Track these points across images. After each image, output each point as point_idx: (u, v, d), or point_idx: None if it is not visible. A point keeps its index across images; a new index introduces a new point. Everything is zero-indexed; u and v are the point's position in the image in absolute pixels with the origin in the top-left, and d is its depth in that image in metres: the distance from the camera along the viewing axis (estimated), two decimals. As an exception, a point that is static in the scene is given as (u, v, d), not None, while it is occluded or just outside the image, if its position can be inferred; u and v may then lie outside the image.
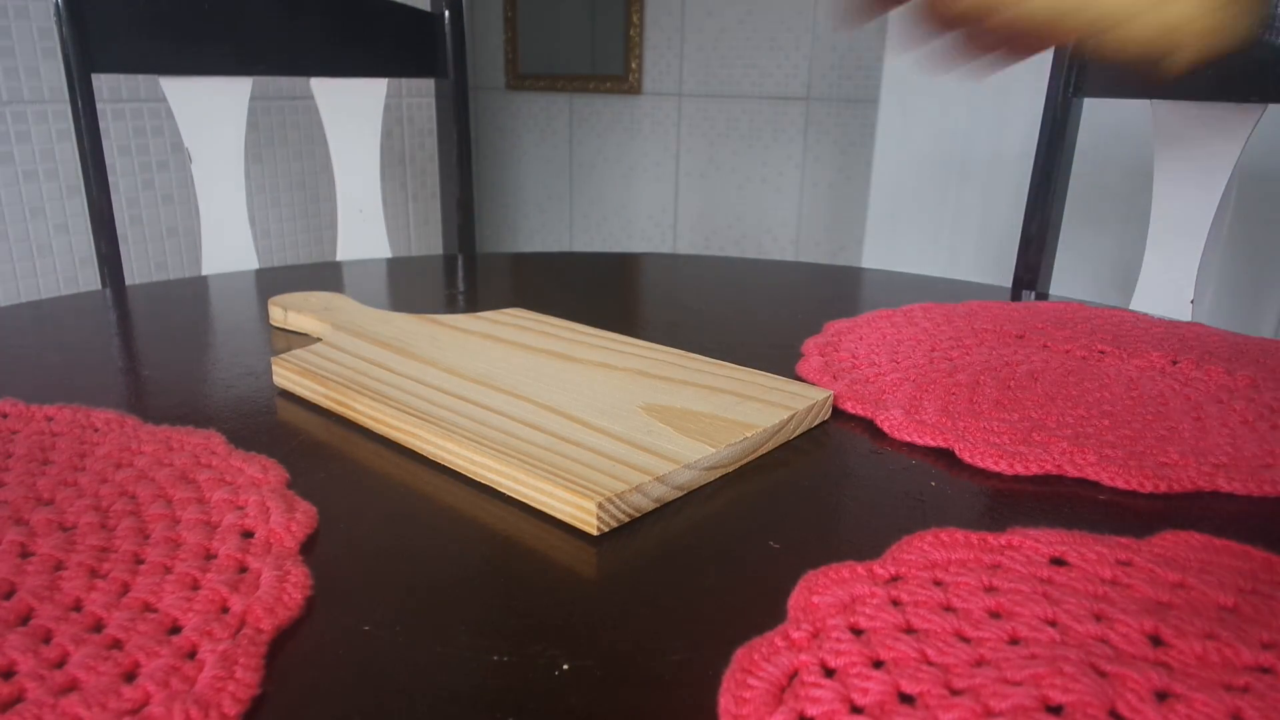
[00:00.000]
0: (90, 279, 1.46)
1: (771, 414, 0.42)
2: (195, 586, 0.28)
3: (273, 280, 0.76)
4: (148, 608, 0.27)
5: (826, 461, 0.41)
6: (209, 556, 0.30)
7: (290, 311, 0.59)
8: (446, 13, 1.00)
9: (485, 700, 0.24)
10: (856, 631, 0.26)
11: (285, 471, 0.37)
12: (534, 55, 2.33)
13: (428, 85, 1.93)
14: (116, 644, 0.25)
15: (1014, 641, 0.25)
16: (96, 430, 0.40)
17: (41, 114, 1.36)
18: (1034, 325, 0.60)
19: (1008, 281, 0.92)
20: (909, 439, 0.42)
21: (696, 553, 0.33)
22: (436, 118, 1.05)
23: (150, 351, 0.56)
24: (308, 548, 0.32)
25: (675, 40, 2.12)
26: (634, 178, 2.27)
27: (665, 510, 0.36)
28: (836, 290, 0.79)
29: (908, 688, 0.23)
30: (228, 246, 0.92)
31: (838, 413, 0.46)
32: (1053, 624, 0.26)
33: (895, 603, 0.27)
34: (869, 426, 0.44)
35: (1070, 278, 1.46)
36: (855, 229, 2.02)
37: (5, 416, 0.42)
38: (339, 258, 1.00)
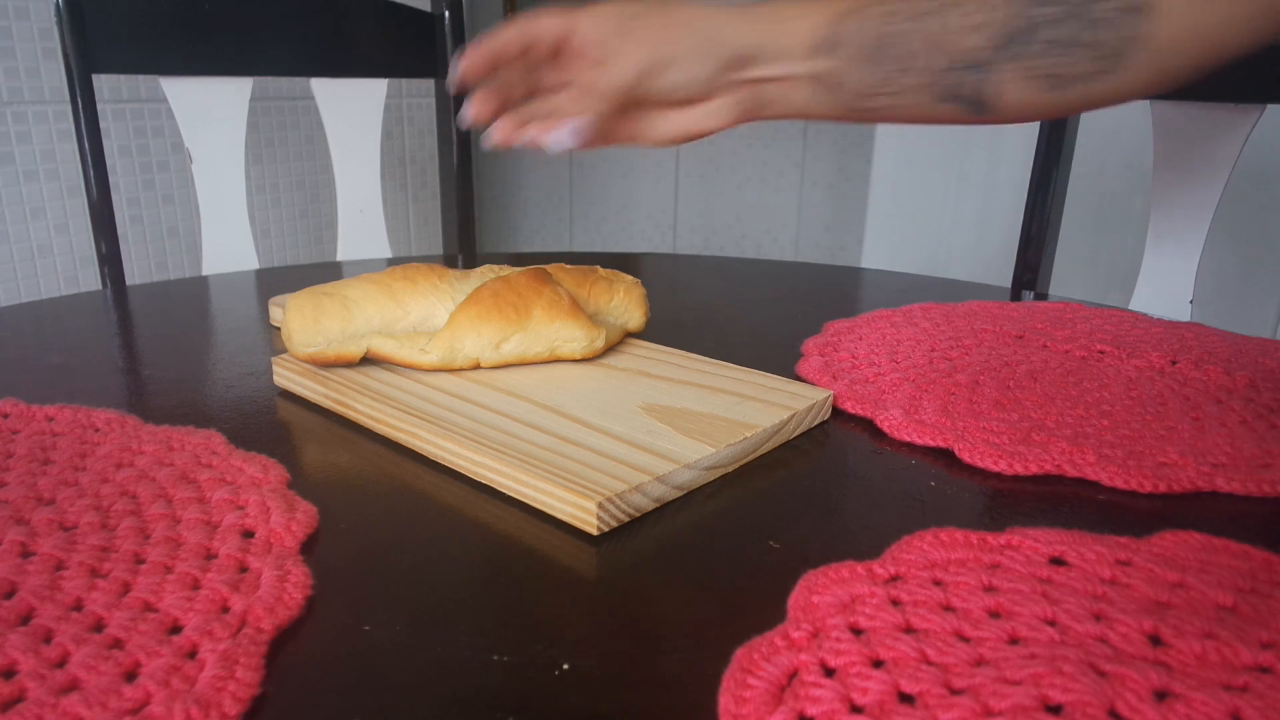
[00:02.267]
0: (91, 279, 1.46)
1: (771, 414, 0.42)
2: (196, 586, 0.28)
3: (273, 280, 0.76)
4: (148, 607, 0.27)
5: (826, 461, 0.41)
6: (209, 556, 0.30)
7: (290, 312, 0.59)
8: (446, 13, 1.00)
9: (485, 700, 0.24)
10: (856, 631, 0.26)
11: (286, 471, 0.37)
12: (534, 55, 2.33)
13: (428, 85, 1.92)
14: (117, 644, 0.25)
15: (1013, 641, 0.25)
16: (97, 430, 0.40)
17: (42, 114, 1.36)
18: (1033, 325, 0.60)
19: (1007, 281, 0.92)
20: (908, 439, 0.42)
21: (696, 553, 0.33)
22: (437, 118, 1.05)
23: (151, 351, 0.56)
24: (308, 547, 0.32)
25: (675, 40, 2.12)
26: (634, 178, 2.27)
27: (665, 510, 0.36)
28: (836, 290, 0.79)
29: (907, 687, 0.23)
30: (228, 246, 0.92)
31: (838, 413, 0.46)
32: (1052, 624, 0.26)
33: (895, 602, 0.27)
34: (869, 426, 0.44)
35: (1070, 278, 1.46)
36: (855, 229, 2.02)
37: (6, 416, 0.42)
38: (339, 258, 1.00)
